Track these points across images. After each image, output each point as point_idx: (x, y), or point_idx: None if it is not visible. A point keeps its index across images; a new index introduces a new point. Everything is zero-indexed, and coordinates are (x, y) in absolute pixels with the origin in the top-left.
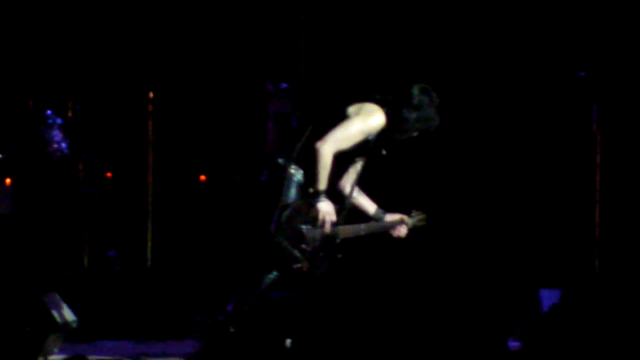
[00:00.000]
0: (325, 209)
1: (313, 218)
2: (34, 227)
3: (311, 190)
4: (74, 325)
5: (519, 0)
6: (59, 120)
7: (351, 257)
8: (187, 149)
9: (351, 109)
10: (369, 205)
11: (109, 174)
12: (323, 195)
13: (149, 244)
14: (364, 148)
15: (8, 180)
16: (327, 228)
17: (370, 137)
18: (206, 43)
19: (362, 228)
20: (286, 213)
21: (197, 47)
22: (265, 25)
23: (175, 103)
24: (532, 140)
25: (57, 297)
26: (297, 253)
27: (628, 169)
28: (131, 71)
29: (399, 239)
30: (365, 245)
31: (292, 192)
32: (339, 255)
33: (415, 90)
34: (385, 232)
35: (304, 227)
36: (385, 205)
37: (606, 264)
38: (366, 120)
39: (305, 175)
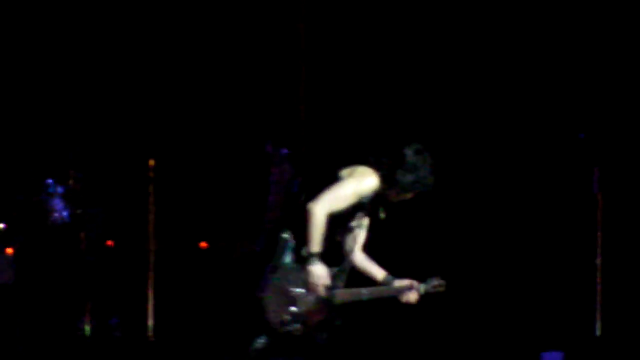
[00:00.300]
0: (317, 272)
1: (306, 281)
2: (36, 295)
3: (304, 252)
4: None
5: (518, 63)
6: (59, 189)
7: (351, 323)
8: (188, 215)
9: (344, 172)
10: (376, 272)
11: (110, 243)
12: (316, 258)
13: (151, 311)
14: (358, 210)
15: (10, 250)
16: (320, 292)
17: (363, 199)
18: (207, 110)
19: (363, 292)
20: (276, 275)
21: (198, 115)
22: (265, 90)
23: (176, 170)
24: (534, 202)
25: None
26: (286, 316)
27: (630, 231)
28: (132, 139)
29: (407, 303)
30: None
31: (287, 257)
32: (338, 322)
33: (409, 152)
34: (391, 297)
35: (295, 290)
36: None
37: (608, 326)
38: (359, 183)
39: (298, 237)
